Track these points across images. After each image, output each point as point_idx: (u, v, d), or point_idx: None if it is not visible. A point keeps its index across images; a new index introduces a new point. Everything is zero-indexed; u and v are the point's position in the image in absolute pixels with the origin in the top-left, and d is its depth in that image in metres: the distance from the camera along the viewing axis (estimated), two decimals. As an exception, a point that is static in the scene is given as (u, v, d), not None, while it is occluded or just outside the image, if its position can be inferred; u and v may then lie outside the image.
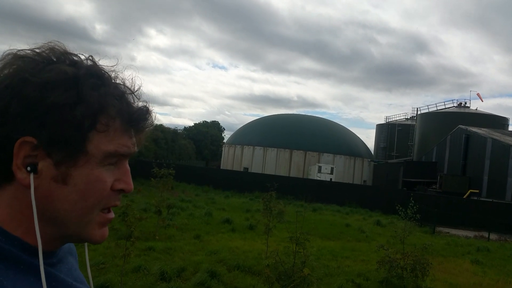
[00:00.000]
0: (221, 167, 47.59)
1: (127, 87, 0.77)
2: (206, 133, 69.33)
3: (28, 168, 0.67)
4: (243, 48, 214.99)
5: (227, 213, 17.97)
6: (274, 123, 48.79)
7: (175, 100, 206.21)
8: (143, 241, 10.81)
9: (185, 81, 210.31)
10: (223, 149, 52.14)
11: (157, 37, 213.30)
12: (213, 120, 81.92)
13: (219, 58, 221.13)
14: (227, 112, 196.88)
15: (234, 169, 41.96)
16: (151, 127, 0.82)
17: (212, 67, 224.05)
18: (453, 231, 20.57)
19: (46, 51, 0.73)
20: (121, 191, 0.76)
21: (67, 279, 0.77)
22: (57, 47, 0.74)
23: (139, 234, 10.63)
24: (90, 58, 0.76)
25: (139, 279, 7.81)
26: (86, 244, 0.76)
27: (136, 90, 0.78)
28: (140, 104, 0.78)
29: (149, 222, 11.97)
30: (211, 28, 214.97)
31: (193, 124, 74.33)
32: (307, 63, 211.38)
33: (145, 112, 0.79)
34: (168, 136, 47.97)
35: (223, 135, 77.46)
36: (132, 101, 0.77)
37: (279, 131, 45.24)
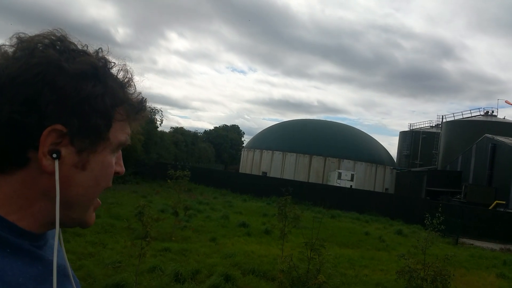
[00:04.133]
0: (240, 171, 47.65)
1: (129, 77, 0.80)
2: (226, 137, 69.68)
3: (54, 155, 0.69)
4: (262, 52, 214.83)
5: (244, 216, 17.95)
6: (293, 128, 48.66)
7: (195, 103, 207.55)
8: (159, 241, 10.88)
9: (205, 84, 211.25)
10: (242, 153, 52.26)
11: (178, 40, 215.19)
12: (233, 124, 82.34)
13: (238, 62, 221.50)
14: (246, 116, 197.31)
15: (252, 173, 41.94)
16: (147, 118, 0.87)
17: (231, 71, 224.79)
18: (478, 243, 20.02)
19: (63, 40, 0.74)
20: (117, 173, 0.82)
21: (52, 259, 0.76)
22: (65, 35, 0.75)
23: (155, 235, 10.66)
24: (100, 49, 0.78)
25: (153, 279, 7.87)
26: (57, 231, 0.73)
27: (134, 80, 0.82)
28: (138, 93, 0.82)
29: (166, 223, 12.02)
30: (230, 31, 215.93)
31: (213, 128, 74.87)
32: (328, 67, 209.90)
33: (145, 102, 0.83)
34: (188, 139, 48.42)
35: (242, 139, 77.71)
36: (134, 90, 0.81)
37: (299, 136, 45.06)
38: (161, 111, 34.10)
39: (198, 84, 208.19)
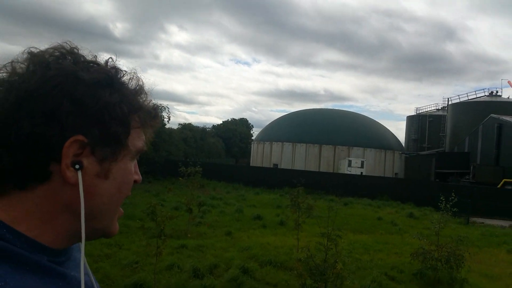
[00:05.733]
0: (251, 164, 47.71)
1: (140, 84, 0.80)
2: (235, 131, 69.38)
3: (77, 166, 0.69)
4: (265, 42, 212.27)
5: (257, 209, 18.04)
6: (302, 119, 48.57)
7: (201, 98, 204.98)
8: (175, 239, 10.92)
9: (209, 78, 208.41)
10: (252, 146, 52.26)
11: (179, 33, 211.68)
12: (241, 117, 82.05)
13: (242, 53, 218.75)
14: (254, 109, 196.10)
15: (263, 166, 41.98)
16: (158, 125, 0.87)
17: (235, 63, 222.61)
18: (488, 221, 20.10)
19: (73, 52, 0.75)
20: (135, 181, 0.81)
21: (76, 274, 0.76)
22: (75, 47, 0.76)
23: (171, 232, 10.78)
24: (111, 59, 0.78)
25: (172, 277, 7.93)
26: (83, 242, 0.74)
27: (148, 88, 0.82)
28: (150, 100, 0.82)
29: (181, 221, 12.13)
30: (232, 22, 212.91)
31: (221, 122, 74.58)
32: (333, 55, 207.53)
33: (158, 109, 0.85)
34: (196, 135, 48.36)
35: (251, 132, 77.36)
36: (146, 97, 0.81)
37: (308, 127, 44.99)
38: (168, 107, 33.68)
39: (203, 77, 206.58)
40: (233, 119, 78.59)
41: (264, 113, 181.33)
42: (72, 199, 0.70)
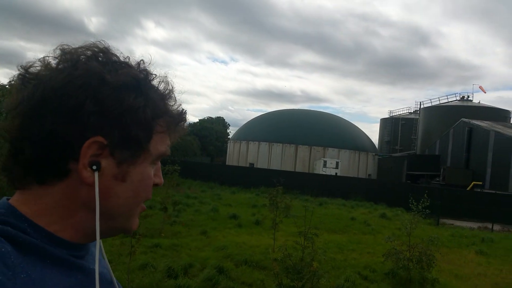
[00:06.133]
0: (227, 163, 47.56)
1: (169, 89, 0.81)
2: (211, 129, 68.96)
3: (94, 167, 0.69)
4: (243, 41, 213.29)
5: (233, 208, 17.99)
6: (279, 119, 48.79)
7: (177, 96, 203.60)
8: (149, 238, 10.74)
9: (186, 75, 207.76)
10: (229, 145, 52.13)
11: (155, 30, 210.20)
12: (218, 115, 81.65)
13: (219, 52, 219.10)
14: (230, 108, 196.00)
15: (239, 165, 41.94)
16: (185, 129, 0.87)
17: (213, 61, 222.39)
18: (457, 223, 20.61)
19: (106, 51, 0.75)
20: (156, 185, 0.82)
21: (94, 268, 0.77)
22: (108, 47, 0.76)
23: (144, 231, 10.61)
24: (142, 61, 0.79)
25: (146, 276, 7.75)
26: (97, 241, 0.74)
27: (175, 92, 0.82)
28: (178, 105, 0.83)
29: (155, 219, 12.00)
30: (210, 20, 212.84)
31: (197, 120, 74.02)
32: (310, 56, 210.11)
33: (185, 114, 0.84)
34: (172, 133, 47.75)
35: (228, 131, 77.10)
36: (174, 102, 0.82)
37: (284, 127, 45.24)
38: None
39: (179, 75, 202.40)
40: (210, 117, 78.24)
41: (241, 112, 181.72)
42: (89, 198, 0.71)
